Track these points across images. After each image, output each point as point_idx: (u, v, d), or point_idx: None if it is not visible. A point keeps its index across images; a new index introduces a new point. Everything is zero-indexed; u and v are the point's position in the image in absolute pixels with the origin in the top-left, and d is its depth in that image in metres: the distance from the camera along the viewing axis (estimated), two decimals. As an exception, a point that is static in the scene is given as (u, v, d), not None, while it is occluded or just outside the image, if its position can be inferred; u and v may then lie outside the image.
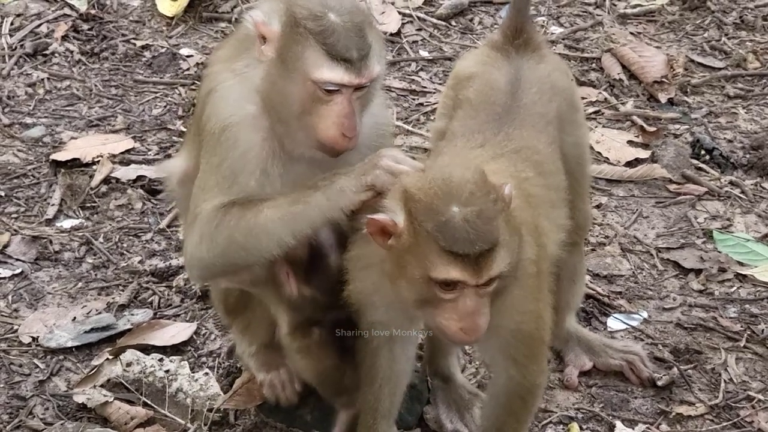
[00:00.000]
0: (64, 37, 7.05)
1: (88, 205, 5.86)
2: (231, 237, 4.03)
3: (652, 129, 6.54)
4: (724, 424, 4.87)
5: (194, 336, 5.13)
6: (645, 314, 5.38)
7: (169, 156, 6.11)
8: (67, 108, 6.55)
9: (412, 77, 6.96)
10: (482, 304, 3.68)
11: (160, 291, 5.37)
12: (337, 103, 4.01)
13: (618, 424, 4.80)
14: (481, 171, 3.74)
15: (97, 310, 5.25)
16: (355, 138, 4.05)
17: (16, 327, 5.17)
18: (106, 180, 5.99)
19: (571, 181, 4.55)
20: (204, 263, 4.16)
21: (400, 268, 3.70)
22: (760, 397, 4.99)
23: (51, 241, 5.63)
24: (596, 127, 6.57)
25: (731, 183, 6.22)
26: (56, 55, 6.93)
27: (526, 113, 4.35)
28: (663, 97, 6.84)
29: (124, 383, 4.81)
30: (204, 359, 5.03)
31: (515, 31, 4.54)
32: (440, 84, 6.83)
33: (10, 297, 5.35)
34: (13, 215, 5.79)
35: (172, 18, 7.26)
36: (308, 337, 4.37)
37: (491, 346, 4.11)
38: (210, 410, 4.68)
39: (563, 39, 7.30)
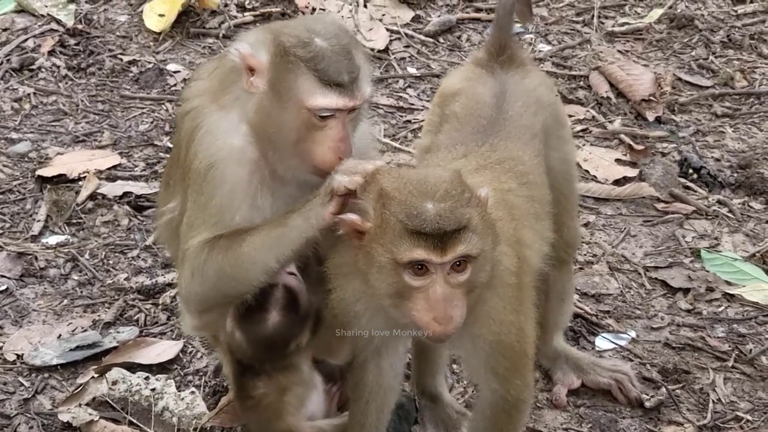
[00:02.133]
0: (51, 52, 7.03)
1: (74, 221, 5.83)
2: (220, 269, 4.07)
3: (640, 147, 6.55)
4: (713, 444, 4.88)
5: (180, 354, 5.10)
6: (633, 333, 5.37)
7: (155, 172, 6.09)
8: (53, 123, 6.53)
9: (400, 94, 6.96)
10: (454, 295, 3.71)
11: (146, 308, 5.34)
12: (331, 127, 4.04)
13: (606, 444, 4.81)
14: (458, 172, 3.79)
15: (82, 328, 5.22)
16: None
17: (0, 344, 5.13)
18: (92, 196, 5.96)
19: (558, 197, 4.57)
20: (199, 297, 4.21)
21: (371, 259, 3.73)
22: (749, 417, 4.98)
23: (36, 258, 5.59)
24: (584, 145, 6.57)
25: (719, 202, 6.23)
26: (43, 70, 6.91)
27: (511, 125, 4.38)
28: (651, 116, 6.85)
29: (110, 402, 4.78)
30: (190, 378, 5.01)
31: (499, 47, 4.60)
32: (428, 101, 6.82)
33: (-6, 314, 5.32)
34: (-2, 231, 5.78)
35: (159, 33, 7.24)
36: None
37: (473, 358, 4.10)
38: (196, 429, 4.66)
39: (551, 57, 7.31)
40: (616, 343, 5.31)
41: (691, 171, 6.41)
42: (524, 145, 4.38)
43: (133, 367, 4.95)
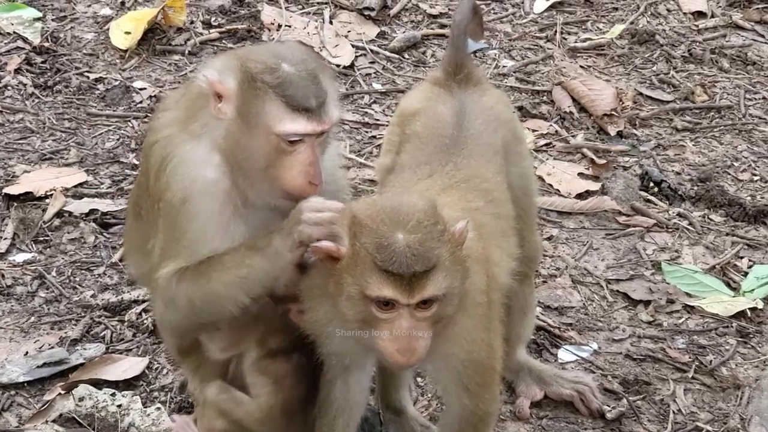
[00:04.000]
0: (17, 70, 7.04)
1: (41, 238, 5.85)
2: (191, 302, 4.10)
3: (602, 161, 6.63)
4: (673, 454, 4.95)
5: (146, 370, 5.13)
6: (595, 345, 5.44)
7: (121, 189, 6.12)
8: (19, 141, 6.54)
9: (365, 110, 7.01)
10: (419, 328, 3.77)
11: (112, 325, 5.37)
12: (300, 152, 4.05)
13: (568, 455, 4.88)
14: (432, 202, 3.83)
15: (49, 345, 5.24)
16: (321, 184, 4.09)
17: (-33, 362, 5.16)
18: (59, 214, 5.98)
19: (518, 212, 4.63)
20: (173, 325, 4.26)
21: (341, 288, 3.79)
22: (708, 428, 5.05)
23: (3, 275, 5.61)
24: (547, 159, 6.65)
25: (679, 215, 6.31)
26: (9, 88, 6.92)
27: (473, 143, 4.44)
28: (612, 130, 6.93)
29: (77, 418, 4.81)
30: (156, 394, 5.04)
31: (456, 67, 4.67)
32: (392, 117, 6.88)
33: (-39, 332, 5.34)
34: (-35, 249, 5.79)
35: (125, 51, 7.27)
36: (288, 362, 4.37)
37: (444, 375, 4.16)
38: (162, 445, 4.70)
39: (515, 72, 7.38)
40: (578, 355, 5.38)
41: (651, 184, 6.49)
42: (487, 162, 4.44)
43: (99, 384, 4.97)
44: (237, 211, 4.13)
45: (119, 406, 4.81)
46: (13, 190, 6.09)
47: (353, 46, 7.50)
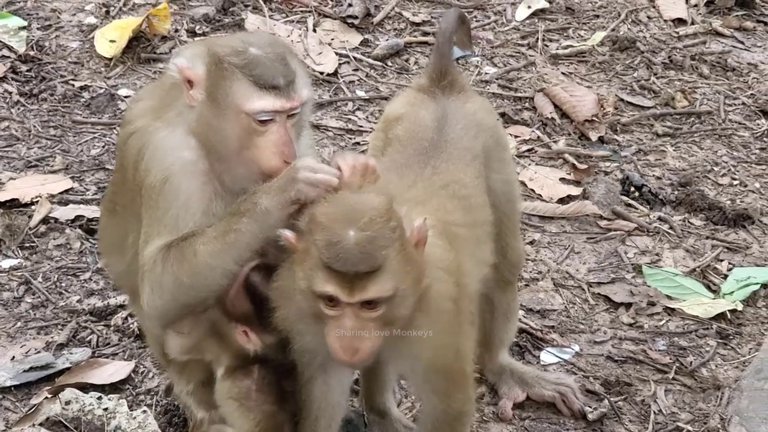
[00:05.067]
0: (3, 78, 7.07)
1: (27, 245, 5.88)
2: (177, 280, 4.10)
3: (584, 167, 6.68)
4: (654, 454, 5.00)
5: (132, 374, 5.16)
6: (577, 348, 5.49)
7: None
8: (5, 149, 6.57)
9: (349, 116, 7.05)
10: (365, 328, 3.81)
11: (98, 330, 5.40)
12: (273, 132, 4.08)
13: (550, 455, 4.92)
14: (389, 199, 3.85)
15: (36, 350, 5.26)
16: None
17: (-46, 367, 5.18)
18: (45, 220, 6.01)
19: (502, 218, 4.69)
20: (160, 311, 4.23)
21: (295, 281, 3.86)
22: (689, 428, 5.10)
23: (-11, 281, 5.65)
24: (529, 164, 6.70)
25: (660, 219, 6.37)
26: (-5, 96, 6.96)
27: (452, 147, 4.49)
28: (594, 136, 6.99)
29: (63, 422, 4.83)
30: (142, 397, 5.07)
31: (440, 73, 4.71)
32: (376, 123, 6.90)
33: (-52, 337, 5.36)
34: (-49, 256, 5.81)
35: (110, 59, 7.30)
36: (249, 377, 4.38)
37: (412, 378, 4.23)
38: (148, 447, 4.73)
39: (497, 79, 7.44)
40: (560, 357, 5.43)
41: (632, 189, 6.55)
42: (465, 166, 4.49)
43: (85, 388, 5.00)
44: (217, 193, 4.16)
45: (105, 409, 4.83)
46: (-1, 197, 6.12)
47: (337, 53, 7.55)
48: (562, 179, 6.61)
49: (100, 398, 4.88)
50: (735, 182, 6.73)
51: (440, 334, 4.03)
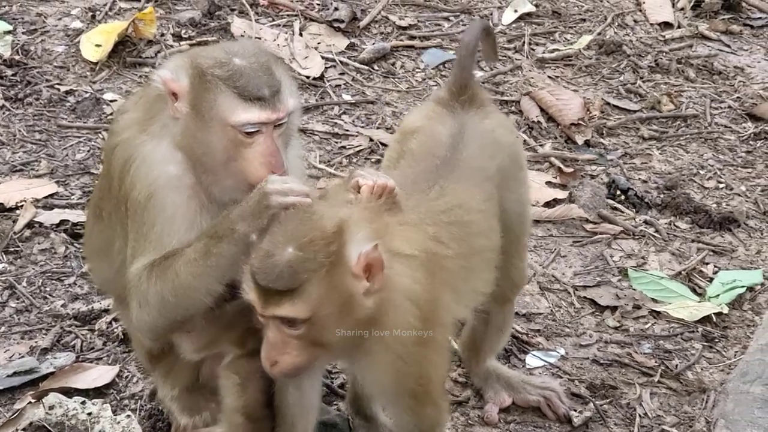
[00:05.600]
0: (-12, 83, 7.06)
1: (12, 249, 5.86)
2: (163, 299, 4.09)
3: (570, 170, 6.69)
4: (639, 457, 5.00)
5: (116, 379, 5.14)
6: (562, 351, 5.49)
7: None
8: (-10, 153, 6.57)
9: (335, 120, 7.04)
10: (286, 344, 3.81)
11: (82, 334, 5.38)
12: (260, 143, 4.05)
13: (536, 459, 4.92)
14: (341, 223, 3.77)
15: (19, 354, 5.25)
16: (285, 173, 4.07)
17: (-63, 372, 5.16)
18: (30, 224, 5.99)
19: (510, 237, 4.62)
20: (150, 326, 4.22)
21: None
22: (674, 431, 5.11)
23: (-27, 286, 5.63)
24: (515, 168, 6.69)
25: (645, 222, 6.38)
26: (-21, 100, 6.94)
27: (465, 166, 4.39)
28: (580, 139, 6.99)
29: (47, 426, 4.81)
30: (126, 402, 5.05)
31: (461, 87, 4.62)
32: (363, 127, 6.93)
33: (-69, 342, 5.34)
34: (-65, 260, 5.79)
35: (96, 63, 7.28)
36: (257, 364, 4.37)
37: (378, 397, 4.18)
38: (132, 452, 4.71)
39: (483, 83, 7.44)
40: (545, 361, 5.43)
41: (618, 192, 6.56)
42: (475, 188, 4.39)
43: (69, 392, 4.97)
44: (203, 207, 4.14)
45: (89, 414, 4.82)
46: (-17, 201, 6.10)
47: (323, 57, 7.54)
48: (548, 183, 6.61)
49: (84, 403, 4.86)
50: (721, 185, 6.74)
51: (399, 362, 3.96)
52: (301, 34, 7.74)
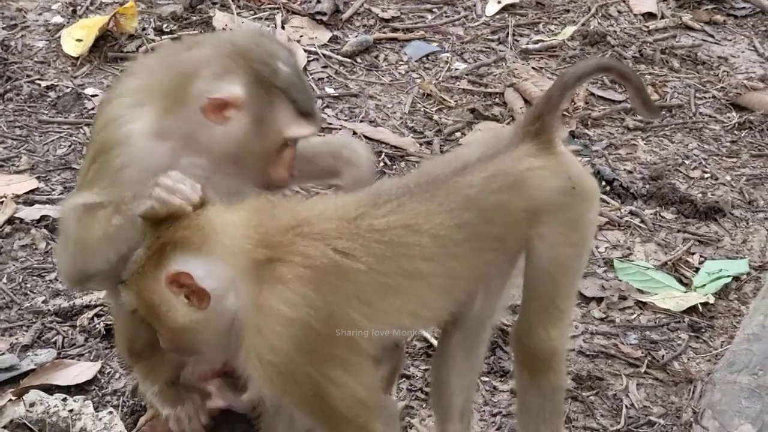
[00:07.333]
0: (-32, 79, 7.01)
1: (-8, 246, 5.83)
2: (75, 250, 4.19)
3: (554, 161, 6.64)
4: (626, 448, 4.98)
5: (98, 375, 5.10)
6: (548, 343, 5.45)
7: (73, 196, 6.10)
8: (-30, 150, 6.52)
9: (318, 114, 7.00)
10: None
11: (63, 331, 5.34)
12: (291, 148, 4.23)
13: (522, 451, 4.87)
14: (173, 237, 3.78)
15: (0, 351, 5.21)
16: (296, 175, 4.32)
17: None
18: (10, 220, 5.94)
19: (530, 293, 4.29)
20: (62, 268, 4.40)
21: None
22: (661, 422, 5.09)
23: (-47, 283, 5.59)
24: (500, 160, 6.66)
25: (631, 213, 6.35)
26: (-41, 96, 6.89)
27: (447, 191, 3.94)
28: (564, 130, 6.96)
29: (28, 424, 4.77)
30: (108, 398, 5.02)
31: (533, 117, 4.04)
32: (346, 120, 6.89)
33: None
34: None
35: (77, 58, 7.24)
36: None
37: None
38: (114, 449, 4.68)
39: (467, 74, 7.41)
40: (531, 353, 5.39)
41: (604, 183, 6.52)
42: (443, 213, 3.92)
43: (50, 389, 4.94)
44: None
45: (71, 411, 4.78)
46: (-37, 197, 6.05)
47: (305, 50, 7.51)
48: (533, 174, 6.56)
49: (65, 400, 4.82)
50: (706, 175, 6.72)
51: (272, 387, 3.79)
52: (283, 27, 7.70)
